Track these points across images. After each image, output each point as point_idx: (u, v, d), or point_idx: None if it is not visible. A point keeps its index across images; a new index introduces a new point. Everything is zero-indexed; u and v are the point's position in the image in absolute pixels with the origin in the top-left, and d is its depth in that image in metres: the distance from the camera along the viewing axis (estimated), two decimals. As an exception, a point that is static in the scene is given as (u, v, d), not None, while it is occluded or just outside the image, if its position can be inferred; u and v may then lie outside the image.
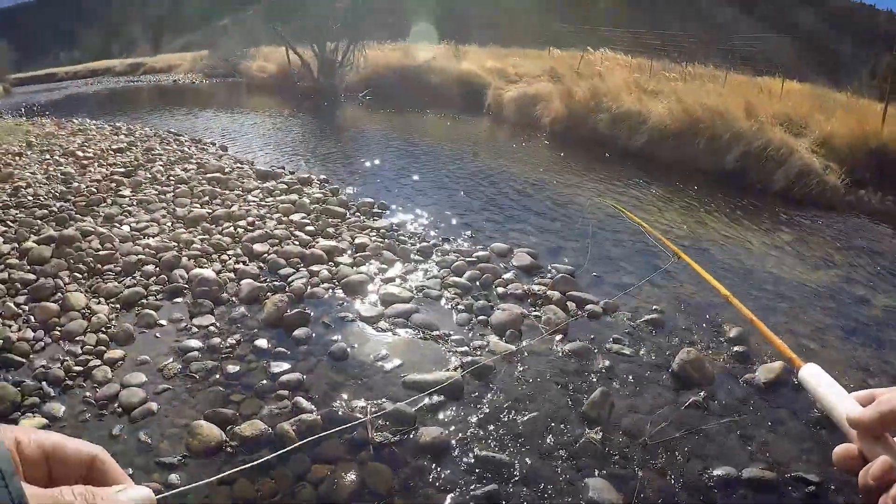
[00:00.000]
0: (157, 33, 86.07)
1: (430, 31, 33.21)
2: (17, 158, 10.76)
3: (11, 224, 7.19)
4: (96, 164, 10.65)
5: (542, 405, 4.27)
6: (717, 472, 3.76)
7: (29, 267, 6.03)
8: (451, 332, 5.22)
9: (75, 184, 8.97)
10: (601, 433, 3.98)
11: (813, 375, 0.90)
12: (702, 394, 4.51)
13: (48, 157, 11.08)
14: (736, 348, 5.22)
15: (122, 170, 10.11)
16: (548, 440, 3.93)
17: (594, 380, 4.63)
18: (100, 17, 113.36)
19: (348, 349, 4.87)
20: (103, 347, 4.85)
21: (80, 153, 11.34)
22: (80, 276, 6.04)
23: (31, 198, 8.24)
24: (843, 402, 0.81)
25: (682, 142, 13.36)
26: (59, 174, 9.55)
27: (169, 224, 7.57)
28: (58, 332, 5.01)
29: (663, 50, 24.43)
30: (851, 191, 11.23)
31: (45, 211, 7.70)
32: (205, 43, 53.42)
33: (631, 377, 4.71)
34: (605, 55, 21.78)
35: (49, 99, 30.62)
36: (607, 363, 4.84)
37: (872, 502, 0.70)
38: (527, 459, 3.74)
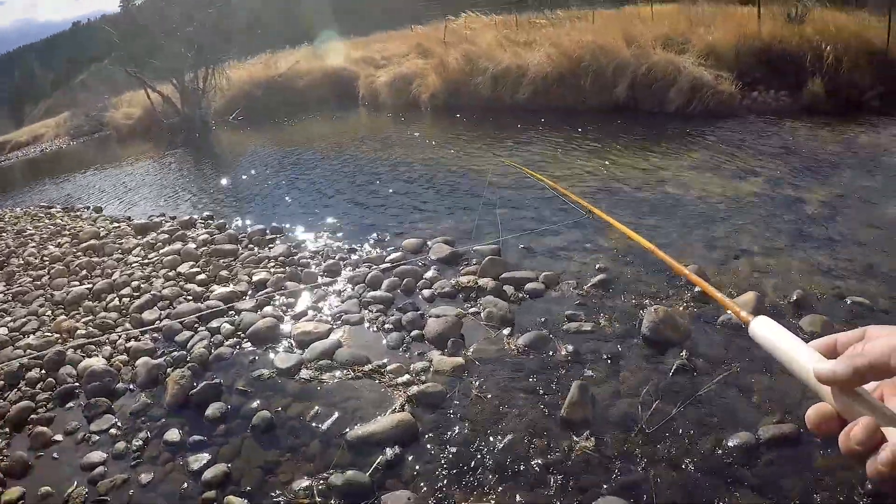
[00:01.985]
0: (16, 106, 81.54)
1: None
2: None
3: None
4: (-36, 264, 9.52)
5: (515, 422, 3.57)
6: (733, 441, 3.22)
7: None
8: (386, 361, 4.44)
9: (-57, 295, 7.89)
10: (592, 438, 3.32)
11: (765, 329, 0.81)
12: (683, 353, 3.96)
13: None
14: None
15: (-7, 263, 9.02)
16: (535, 465, 3.23)
17: (563, 372, 3.96)
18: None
19: (272, 416, 4.02)
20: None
21: (-57, 258, 10.16)
22: (-39, 404, 5.10)
23: None
24: (805, 356, 0.73)
25: (567, 85, 13.02)
26: (-74, 285, 8.43)
27: (49, 313, 6.58)
28: (-53, 481, 4.12)
29: (523, 1, 24.14)
30: (746, 94, 11.24)
31: (-87, 332, 6.64)
32: (68, 103, 50.83)
33: (602, 357, 4.07)
34: (468, 19, 21.16)
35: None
36: (570, 347, 4.19)
37: (861, 466, 0.64)
38: (517, 496, 3.05)
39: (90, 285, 7.06)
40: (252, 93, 23.92)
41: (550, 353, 4.21)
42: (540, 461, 3.25)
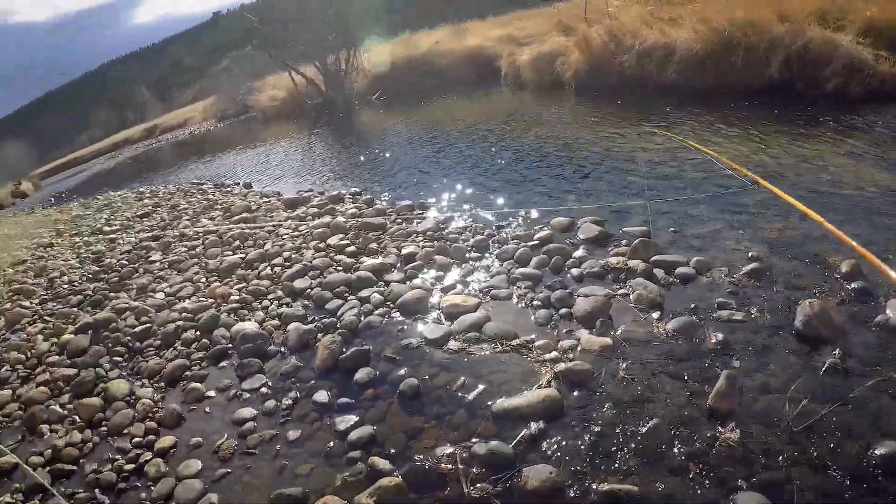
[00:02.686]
0: (163, 92, 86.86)
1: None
2: (48, 249, 10.73)
3: (49, 318, 6.95)
4: (124, 234, 10.38)
5: (660, 407, 3.60)
6: (880, 450, 3.04)
7: (69, 361, 5.73)
8: (534, 336, 4.55)
9: (107, 260, 8.76)
10: (737, 430, 3.29)
11: None
12: (836, 352, 3.79)
13: (77, 239, 10.89)
14: (853, 285, 4.47)
15: (150, 234, 9.81)
16: (677, 453, 3.26)
17: (710, 361, 3.93)
18: (108, 91, 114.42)
19: (419, 384, 4.24)
20: (153, 436, 4.43)
21: (107, 228, 11.20)
22: (121, 358, 5.69)
23: (66, 286, 8.08)
24: None
25: (717, 63, 12.42)
26: (90, 255, 9.31)
27: (203, 280, 7.16)
28: (104, 428, 4.63)
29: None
30: (910, 77, 10.33)
31: (81, 296, 7.46)
32: (212, 88, 53.60)
33: (752, 348, 4.00)
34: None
35: (77, 182, 30.90)
36: (720, 336, 4.13)
37: None
38: (659, 484, 3.10)
39: (242, 255, 7.57)
40: (393, 73, 24.31)
41: (699, 341, 4.17)
42: (682, 448, 3.28)
